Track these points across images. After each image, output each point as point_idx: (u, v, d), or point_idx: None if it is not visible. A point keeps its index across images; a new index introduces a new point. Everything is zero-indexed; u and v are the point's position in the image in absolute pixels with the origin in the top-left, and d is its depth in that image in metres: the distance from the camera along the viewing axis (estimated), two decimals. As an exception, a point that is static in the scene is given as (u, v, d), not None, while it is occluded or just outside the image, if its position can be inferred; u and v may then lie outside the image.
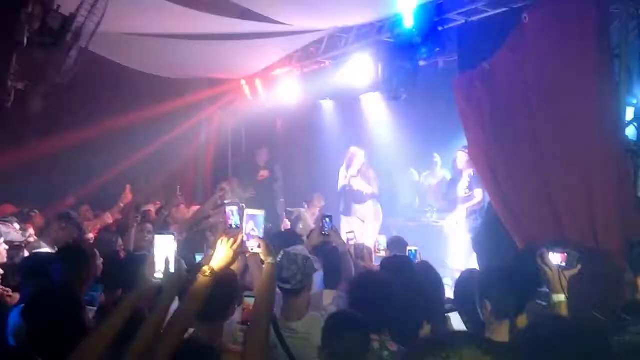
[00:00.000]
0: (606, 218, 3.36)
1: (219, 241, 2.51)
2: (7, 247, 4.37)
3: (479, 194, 6.42)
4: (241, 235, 2.54)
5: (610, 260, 3.25)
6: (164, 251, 2.25)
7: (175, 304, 2.33)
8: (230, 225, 3.39)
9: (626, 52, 3.68)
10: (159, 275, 2.22)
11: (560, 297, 2.62)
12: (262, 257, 2.56)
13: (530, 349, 2.06)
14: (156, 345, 2.09)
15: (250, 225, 2.60)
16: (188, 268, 2.55)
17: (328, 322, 2.53)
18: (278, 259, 3.05)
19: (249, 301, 2.66)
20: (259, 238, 2.56)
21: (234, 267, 2.89)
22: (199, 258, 3.74)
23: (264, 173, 9.27)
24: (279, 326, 2.89)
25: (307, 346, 2.80)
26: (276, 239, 4.34)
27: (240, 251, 2.55)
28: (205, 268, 2.39)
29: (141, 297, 2.22)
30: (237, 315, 2.79)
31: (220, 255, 2.46)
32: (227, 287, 2.56)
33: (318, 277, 3.83)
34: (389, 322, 2.81)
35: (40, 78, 5.57)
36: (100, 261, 3.81)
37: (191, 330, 2.62)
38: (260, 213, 2.63)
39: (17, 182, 7.48)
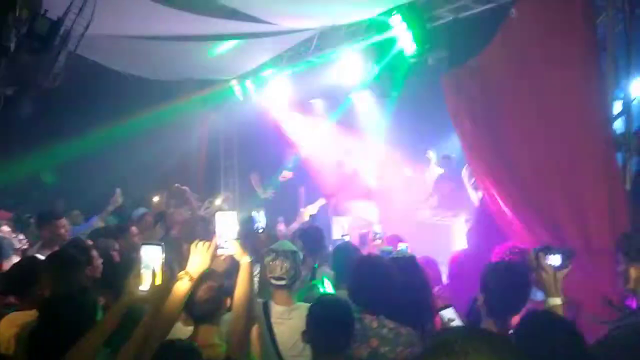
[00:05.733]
0: (596, 211, 3.38)
1: (193, 246, 2.55)
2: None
3: (473, 197, 6.36)
4: (215, 238, 2.57)
5: (601, 255, 3.27)
6: (151, 262, 2.21)
7: None
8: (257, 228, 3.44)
9: (613, 46, 3.70)
10: (144, 287, 2.19)
11: (556, 301, 2.56)
12: (237, 257, 2.61)
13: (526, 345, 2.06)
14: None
15: (223, 226, 2.62)
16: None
17: (312, 307, 2.59)
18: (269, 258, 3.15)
19: None
20: (232, 239, 2.61)
21: (220, 269, 2.94)
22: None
23: (287, 174, 8.63)
24: (270, 315, 2.99)
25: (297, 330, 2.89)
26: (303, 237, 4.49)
27: (215, 254, 2.59)
28: (182, 274, 2.41)
29: (128, 306, 2.19)
30: None
31: (196, 260, 2.49)
32: (217, 287, 2.59)
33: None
34: (387, 305, 2.87)
35: (29, 83, 5.54)
36: (100, 262, 3.80)
37: (189, 328, 2.66)
38: (232, 214, 2.67)
39: (7, 187, 7.44)
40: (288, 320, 2.95)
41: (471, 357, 0.91)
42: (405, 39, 5.39)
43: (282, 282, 3.02)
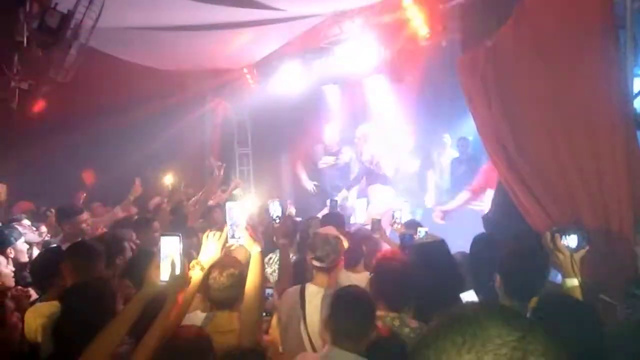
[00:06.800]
0: (615, 192, 3.31)
1: (205, 236, 2.57)
2: (27, 247, 4.43)
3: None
4: (226, 228, 2.60)
5: (620, 237, 3.22)
6: (170, 252, 2.23)
7: None
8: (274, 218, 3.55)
9: (631, 23, 3.60)
10: (164, 277, 2.21)
11: (574, 282, 2.56)
12: (247, 247, 2.63)
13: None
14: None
15: (234, 216, 2.64)
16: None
17: (334, 295, 2.62)
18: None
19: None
20: (243, 229, 2.64)
21: (241, 258, 2.98)
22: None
23: (329, 160, 7.83)
24: (305, 296, 3.08)
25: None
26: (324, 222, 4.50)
27: (225, 244, 2.62)
28: (194, 263, 2.44)
29: (148, 299, 2.21)
30: None
31: (208, 250, 2.52)
32: (237, 274, 2.64)
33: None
34: (412, 302, 2.90)
35: (43, 77, 5.58)
36: (129, 254, 3.85)
37: (201, 315, 2.68)
38: (241, 205, 2.71)
39: (27, 180, 7.53)
40: (311, 303, 3.05)
41: (482, 323, 0.90)
42: (417, 22, 5.32)
43: (322, 265, 3.14)
